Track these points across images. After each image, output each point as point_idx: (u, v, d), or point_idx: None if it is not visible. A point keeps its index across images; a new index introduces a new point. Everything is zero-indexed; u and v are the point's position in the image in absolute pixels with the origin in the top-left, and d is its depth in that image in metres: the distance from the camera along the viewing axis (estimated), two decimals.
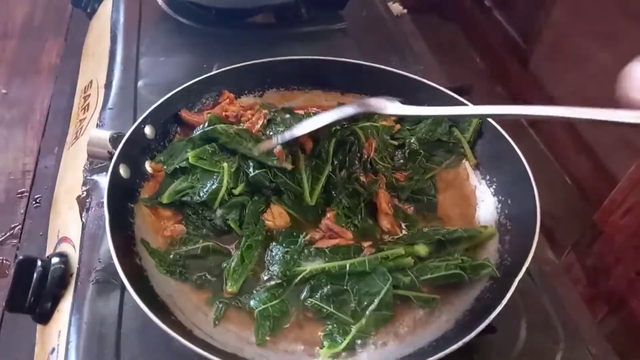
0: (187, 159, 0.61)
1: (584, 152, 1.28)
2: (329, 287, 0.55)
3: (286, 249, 0.57)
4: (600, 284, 1.06)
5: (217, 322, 0.54)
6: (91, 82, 0.92)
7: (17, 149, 0.93)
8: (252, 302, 0.54)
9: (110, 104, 0.82)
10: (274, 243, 0.59)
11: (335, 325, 0.53)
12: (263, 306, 0.54)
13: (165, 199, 0.60)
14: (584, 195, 1.28)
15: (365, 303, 0.54)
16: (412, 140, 0.70)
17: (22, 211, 0.83)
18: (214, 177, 0.60)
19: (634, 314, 0.97)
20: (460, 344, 0.45)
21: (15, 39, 1.16)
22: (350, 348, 0.52)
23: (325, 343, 0.52)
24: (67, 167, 0.81)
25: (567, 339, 0.57)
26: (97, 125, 0.79)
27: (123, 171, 0.60)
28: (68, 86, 1.00)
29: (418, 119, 0.73)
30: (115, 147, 0.60)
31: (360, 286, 0.55)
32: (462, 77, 1.01)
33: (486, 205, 0.64)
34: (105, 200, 0.54)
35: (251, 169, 0.60)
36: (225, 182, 0.59)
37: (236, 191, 0.60)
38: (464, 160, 0.70)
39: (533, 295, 0.61)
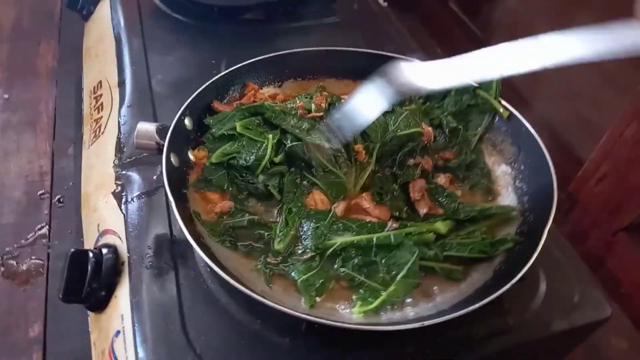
0: (235, 127, 0.66)
1: (545, 132, 1.37)
2: (359, 258, 0.60)
3: (317, 225, 0.62)
4: (578, 249, 1.15)
5: (269, 284, 0.58)
6: (100, 82, 0.94)
7: (29, 151, 0.93)
8: (292, 274, 0.59)
9: (127, 102, 0.85)
10: (304, 219, 0.63)
11: (367, 291, 0.58)
12: (304, 276, 0.58)
13: (214, 159, 0.66)
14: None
15: (394, 272, 0.59)
16: (448, 119, 0.74)
17: (46, 212, 0.84)
18: (258, 145, 0.65)
19: (611, 273, 1.06)
20: (505, 288, 0.52)
21: (7, 43, 1.15)
22: (383, 308, 0.57)
23: (358, 302, 0.57)
24: (91, 165, 0.83)
25: (582, 283, 0.65)
26: (119, 122, 0.81)
27: (174, 159, 0.63)
28: (72, 88, 1.01)
29: (443, 94, 0.78)
30: (162, 138, 0.63)
31: (389, 258, 0.60)
32: None
33: (500, 172, 0.72)
34: (166, 186, 0.58)
35: (289, 141, 0.66)
36: (269, 151, 0.65)
37: (277, 159, 0.65)
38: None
39: (546, 249, 0.68)
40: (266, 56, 0.78)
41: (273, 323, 0.58)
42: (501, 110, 0.73)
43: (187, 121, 0.69)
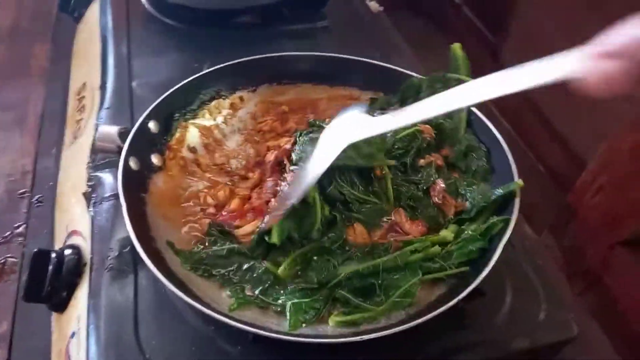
0: None
1: (554, 139, 1.34)
2: (360, 283, 0.58)
3: (327, 258, 0.60)
4: (576, 262, 1.12)
5: (232, 310, 0.56)
6: (84, 84, 0.95)
7: (14, 151, 0.95)
8: (281, 299, 0.57)
9: (106, 104, 0.85)
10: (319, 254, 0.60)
11: (355, 307, 0.57)
12: (297, 300, 0.56)
13: (276, 240, 0.58)
14: (557, 182, 1.35)
15: (390, 294, 0.57)
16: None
17: (24, 210, 0.86)
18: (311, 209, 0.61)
19: (608, 289, 1.03)
20: (452, 303, 0.50)
21: (3, 43, 1.17)
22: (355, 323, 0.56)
23: (336, 312, 0.56)
24: (68, 166, 0.84)
25: (549, 301, 0.62)
26: (97, 125, 0.82)
27: (133, 163, 0.63)
28: (60, 89, 1.02)
29: (416, 90, 0.76)
30: (123, 142, 0.63)
31: (391, 281, 0.58)
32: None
33: None
34: (120, 189, 0.58)
35: (327, 187, 0.62)
36: (318, 213, 0.60)
37: (326, 212, 0.62)
38: None
39: (516, 265, 0.66)
40: (238, 60, 0.78)
41: (226, 331, 0.58)
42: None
43: (152, 125, 0.69)
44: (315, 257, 0.59)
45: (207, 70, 0.76)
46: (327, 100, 0.82)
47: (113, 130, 0.65)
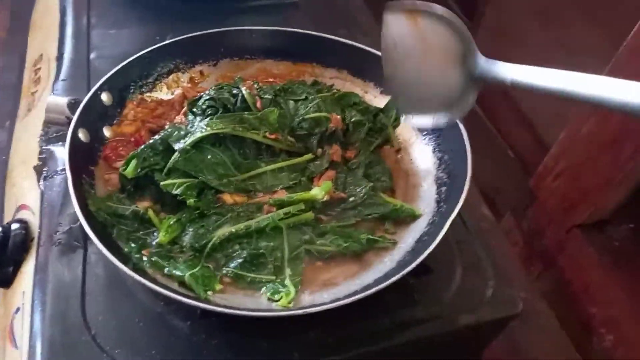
0: None
1: (523, 125, 1.35)
2: (245, 254, 0.57)
3: (202, 224, 0.59)
4: (534, 245, 1.15)
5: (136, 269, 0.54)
6: (41, 55, 0.92)
7: None
8: (176, 273, 0.56)
9: (62, 75, 0.83)
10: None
11: (270, 284, 0.57)
12: (190, 272, 0.55)
13: (130, 172, 0.60)
14: (524, 167, 1.37)
15: (279, 255, 0.58)
16: (354, 112, 0.71)
17: None
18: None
19: (562, 271, 1.06)
20: (397, 277, 0.51)
21: None
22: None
23: (277, 297, 0.55)
24: (20, 138, 0.81)
25: (497, 279, 0.64)
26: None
27: (82, 135, 0.62)
28: (17, 60, 0.99)
29: None
30: (73, 113, 0.61)
31: (275, 244, 0.58)
32: None
33: (425, 161, 0.70)
34: (66, 161, 0.56)
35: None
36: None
37: None
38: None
39: (468, 244, 0.67)
40: (198, 33, 0.76)
41: (175, 306, 0.57)
42: (395, 141, 0.72)
43: (105, 96, 0.67)
44: (189, 224, 0.59)
45: (165, 42, 0.74)
46: (289, 77, 0.80)
47: (62, 101, 0.63)
